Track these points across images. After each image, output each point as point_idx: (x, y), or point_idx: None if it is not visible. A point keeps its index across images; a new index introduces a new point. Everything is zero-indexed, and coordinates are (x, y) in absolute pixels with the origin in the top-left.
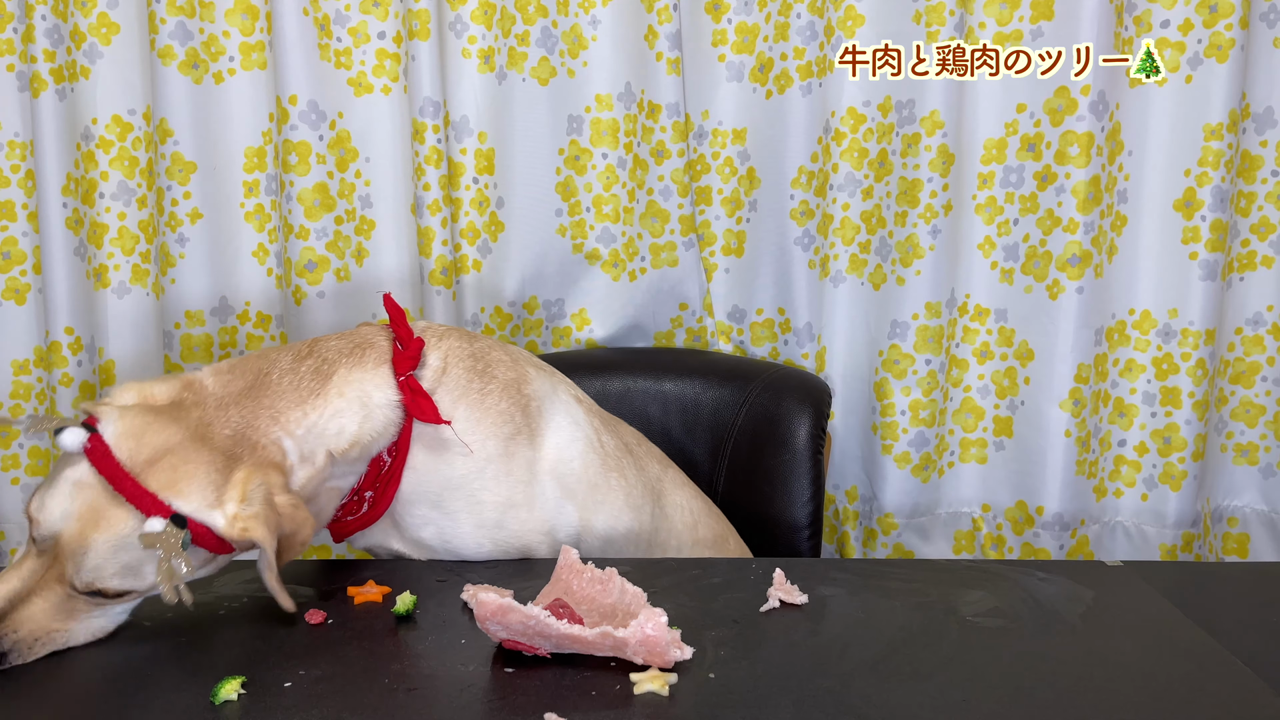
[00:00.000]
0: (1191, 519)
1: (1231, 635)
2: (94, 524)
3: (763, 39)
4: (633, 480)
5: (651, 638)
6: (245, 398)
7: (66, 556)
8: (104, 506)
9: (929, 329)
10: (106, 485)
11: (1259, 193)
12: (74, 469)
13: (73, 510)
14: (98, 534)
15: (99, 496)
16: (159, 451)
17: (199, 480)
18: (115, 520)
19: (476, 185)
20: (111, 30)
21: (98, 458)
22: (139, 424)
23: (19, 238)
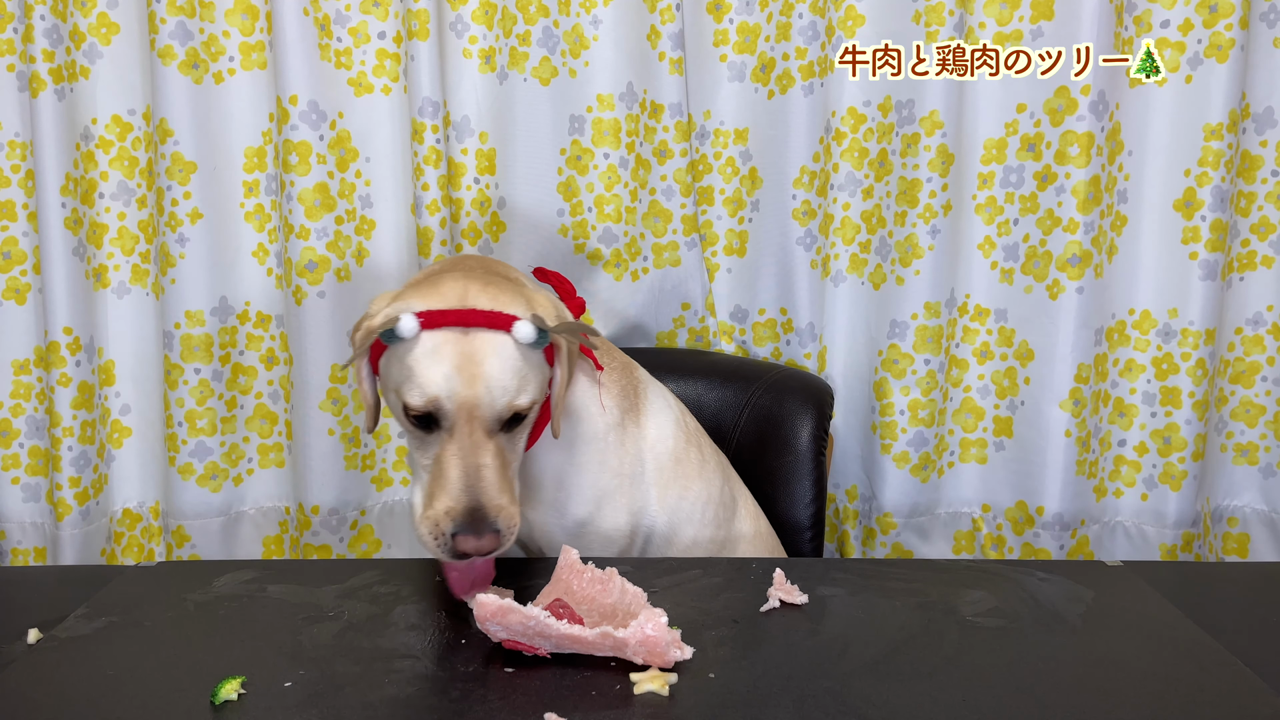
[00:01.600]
0: (1191, 519)
1: (1231, 635)
2: (475, 362)
3: (764, 39)
4: (709, 455)
5: (651, 638)
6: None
7: (471, 408)
8: (471, 345)
9: (928, 329)
10: (459, 333)
11: (1259, 193)
12: (418, 347)
13: (450, 368)
14: (485, 364)
15: (459, 342)
16: (464, 292)
17: (513, 298)
18: (488, 346)
19: (478, 185)
20: (111, 30)
21: (436, 318)
22: (430, 287)
23: (19, 238)
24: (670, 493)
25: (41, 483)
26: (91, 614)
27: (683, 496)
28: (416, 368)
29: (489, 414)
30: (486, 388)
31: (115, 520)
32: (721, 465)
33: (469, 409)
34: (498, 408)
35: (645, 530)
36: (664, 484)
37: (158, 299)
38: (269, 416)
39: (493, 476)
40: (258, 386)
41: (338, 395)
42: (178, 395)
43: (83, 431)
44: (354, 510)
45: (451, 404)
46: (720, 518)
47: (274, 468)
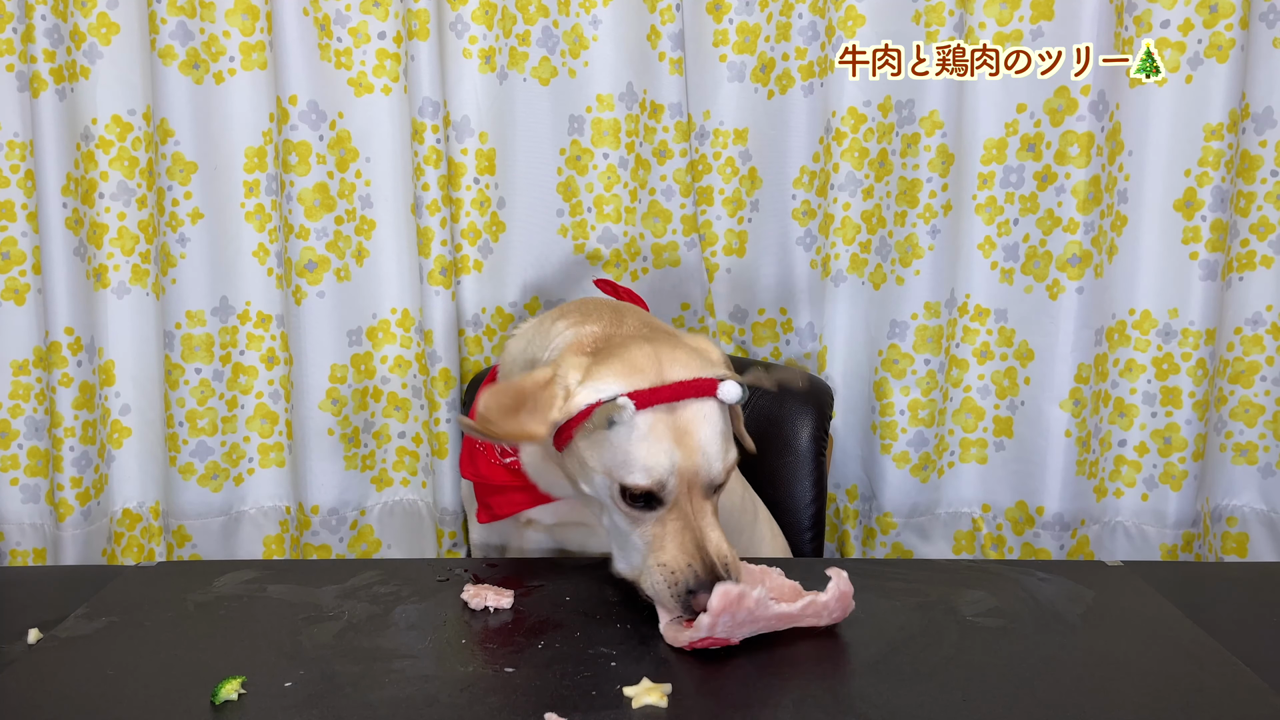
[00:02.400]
0: (1191, 519)
1: (1231, 635)
2: (689, 434)
3: (764, 39)
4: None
5: (845, 592)
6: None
7: (690, 478)
8: (680, 419)
9: (928, 329)
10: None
11: (1259, 193)
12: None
13: (669, 445)
14: (699, 435)
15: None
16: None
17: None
18: (698, 415)
19: (478, 185)
20: (111, 30)
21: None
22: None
23: (19, 238)
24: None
25: (41, 483)
26: (91, 614)
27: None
28: (635, 451)
29: (706, 481)
30: (704, 454)
31: (115, 520)
32: (748, 490)
33: (688, 480)
34: (715, 473)
35: None
36: None
37: (158, 299)
38: (269, 416)
39: (716, 535)
40: (258, 386)
41: (337, 395)
42: (178, 395)
43: (83, 432)
44: (354, 510)
45: (674, 479)
46: (743, 523)
47: (274, 467)
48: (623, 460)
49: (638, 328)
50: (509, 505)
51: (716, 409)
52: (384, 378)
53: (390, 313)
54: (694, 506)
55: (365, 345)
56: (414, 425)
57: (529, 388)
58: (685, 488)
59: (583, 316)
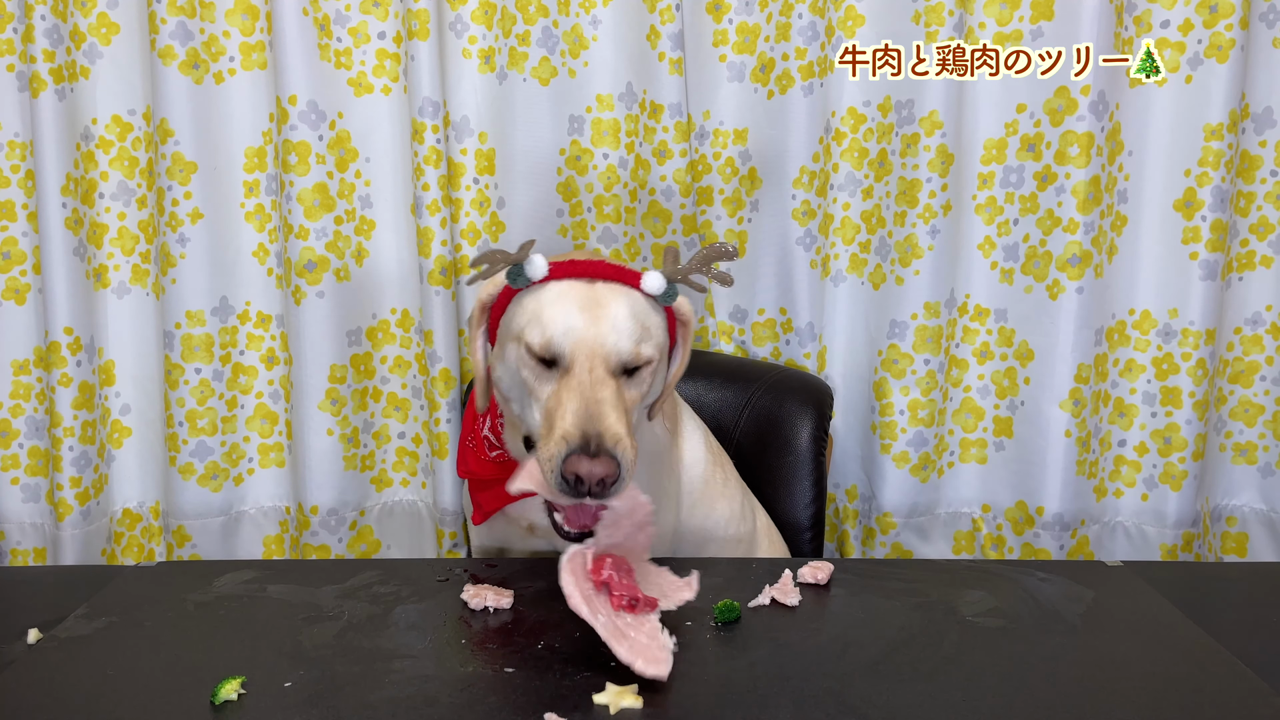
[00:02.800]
0: (1191, 519)
1: (1231, 635)
2: (601, 305)
3: (764, 39)
4: (729, 472)
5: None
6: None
7: (593, 347)
8: (597, 293)
9: (928, 329)
10: (586, 282)
11: (1258, 193)
12: (545, 292)
13: (574, 308)
14: (611, 307)
15: (586, 289)
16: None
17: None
18: (615, 293)
19: (477, 185)
20: (111, 30)
21: (564, 267)
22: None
23: (19, 238)
24: (696, 513)
25: (41, 483)
26: (91, 614)
27: (708, 516)
28: (543, 310)
29: (612, 356)
30: (612, 327)
31: (115, 520)
32: (739, 480)
33: (590, 347)
34: (621, 351)
35: (669, 547)
36: (691, 504)
37: (158, 299)
38: (269, 416)
39: (611, 410)
40: (258, 386)
41: (337, 395)
42: (178, 395)
43: (83, 431)
44: (353, 510)
45: (571, 339)
46: (740, 532)
47: (274, 467)
48: (530, 319)
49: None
50: (495, 500)
51: (639, 298)
52: (384, 378)
53: (390, 313)
54: (593, 378)
55: (365, 345)
56: (414, 425)
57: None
58: (587, 358)
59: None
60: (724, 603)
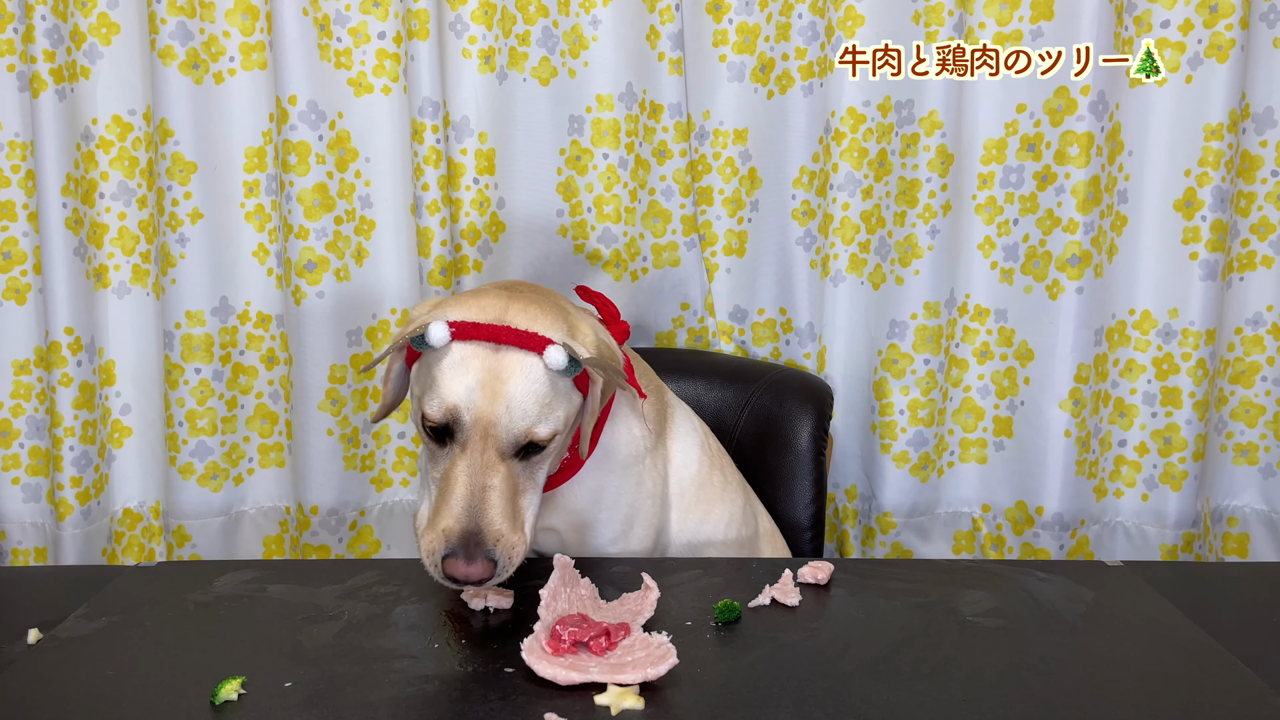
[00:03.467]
0: (1192, 519)
1: (1231, 635)
2: (499, 380)
3: (764, 39)
4: (730, 475)
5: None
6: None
7: (487, 425)
8: (499, 363)
9: (927, 329)
10: (490, 347)
11: (1259, 193)
12: (446, 357)
13: (473, 381)
14: (509, 383)
15: (488, 358)
16: (504, 310)
17: (553, 321)
18: (516, 366)
19: (477, 186)
20: (111, 30)
21: (468, 330)
22: (472, 301)
23: (19, 238)
24: (692, 516)
25: (42, 483)
26: (91, 614)
27: (704, 520)
28: (440, 378)
29: (505, 435)
30: (506, 407)
31: (116, 520)
32: (741, 483)
33: (484, 426)
34: (515, 431)
35: (662, 549)
36: (685, 508)
37: (158, 299)
38: (269, 416)
39: (498, 500)
40: (258, 386)
41: (337, 395)
42: (178, 395)
43: (84, 431)
44: (353, 510)
45: (468, 417)
46: (742, 536)
47: (274, 468)
48: (429, 385)
49: (517, 290)
50: None
51: (542, 371)
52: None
53: (390, 313)
54: (484, 460)
55: (365, 345)
56: (414, 425)
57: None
58: (480, 434)
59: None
60: (724, 603)
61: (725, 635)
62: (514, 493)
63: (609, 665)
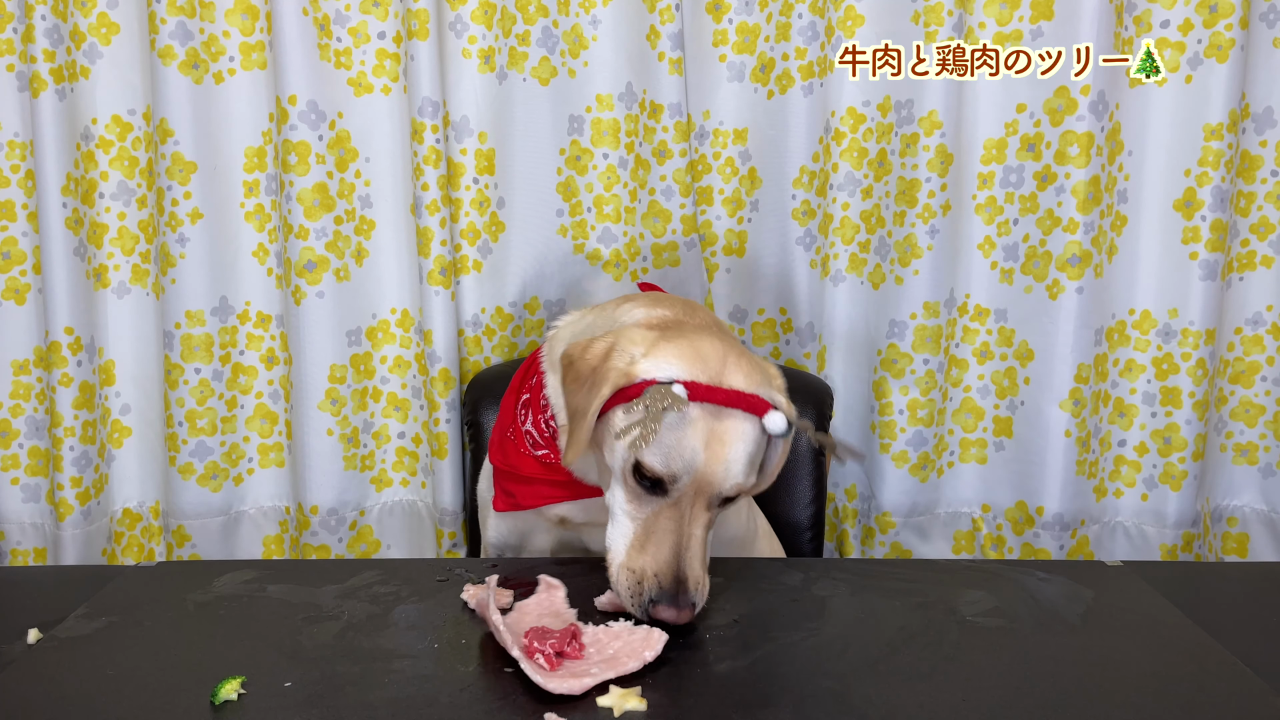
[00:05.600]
0: (1191, 519)
1: (1231, 635)
2: (722, 443)
3: (764, 39)
4: None
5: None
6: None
7: (703, 483)
8: (722, 426)
9: (927, 329)
10: (713, 409)
11: (1259, 193)
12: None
13: (699, 444)
14: (731, 447)
15: (712, 421)
16: (723, 364)
17: (761, 377)
18: (738, 430)
19: (477, 185)
20: (111, 30)
21: (701, 393)
22: (690, 349)
23: (19, 238)
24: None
25: (41, 483)
26: (91, 614)
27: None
28: (667, 436)
29: (717, 491)
30: (725, 468)
31: (115, 520)
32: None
33: (699, 484)
34: (727, 488)
35: None
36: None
37: (158, 299)
38: (269, 416)
39: (699, 550)
40: (258, 386)
41: (337, 395)
42: (178, 395)
43: (84, 431)
44: (353, 510)
45: (687, 477)
46: (743, 540)
47: (274, 467)
48: (656, 443)
49: (708, 323)
50: (535, 497)
51: (755, 432)
52: (383, 378)
53: (390, 313)
54: (693, 513)
55: (365, 345)
56: (413, 426)
57: (591, 359)
58: (694, 491)
59: (654, 302)
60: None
61: (725, 635)
62: (707, 534)
63: (604, 663)
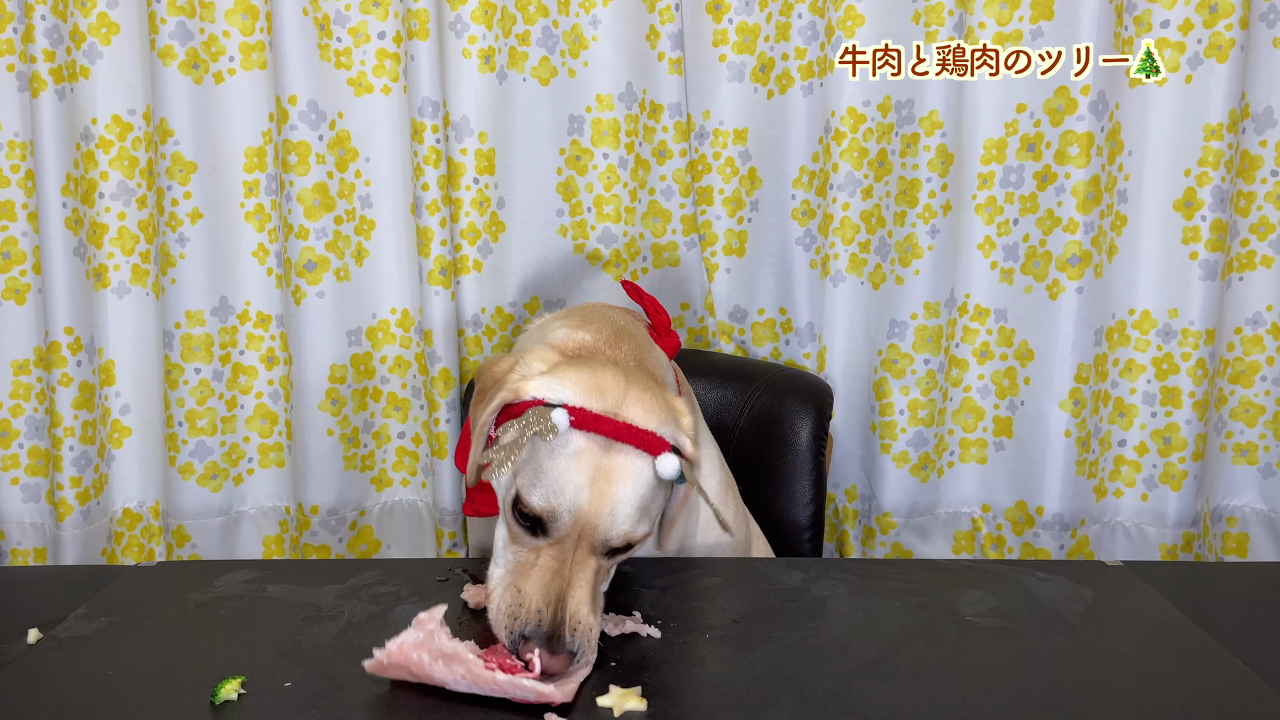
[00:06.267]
0: (1191, 519)
1: (1231, 635)
2: (609, 481)
3: (764, 39)
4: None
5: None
6: (620, 340)
7: (586, 526)
8: (610, 462)
9: (927, 329)
10: (603, 443)
11: (1259, 193)
12: (562, 446)
13: (583, 480)
14: (618, 485)
15: (600, 455)
16: (623, 395)
17: (664, 412)
18: (628, 469)
19: (477, 185)
20: (111, 30)
21: (588, 421)
22: (590, 379)
23: (19, 238)
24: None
25: (41, 483)
26: (91, 614)
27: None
28: (549, 468)
29: (601, 538)
30: (610, 510)
31: (115, 520)
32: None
33: (583, 525)
34: (613, 535)
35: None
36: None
37: (158, 299)
38: (269, 416)
39: (583, 595)
40: (258, 386)
41: (337, 395)
42: (178, 395)
43: (83, 431)
44: (353, 510)
45: (570, 517)
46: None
47: (274, 468)
48: (533, 471)
49: (630, 355)
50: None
51: (649, 474)
52: (383, 378)
53: (390, 313)
54: (575, 557)
55: (365, 345)
56: (413, 425)
57: (495, 374)
58: (576, 534)
59: (583, 323)
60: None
61: (725, 635)
62: (598, 585)
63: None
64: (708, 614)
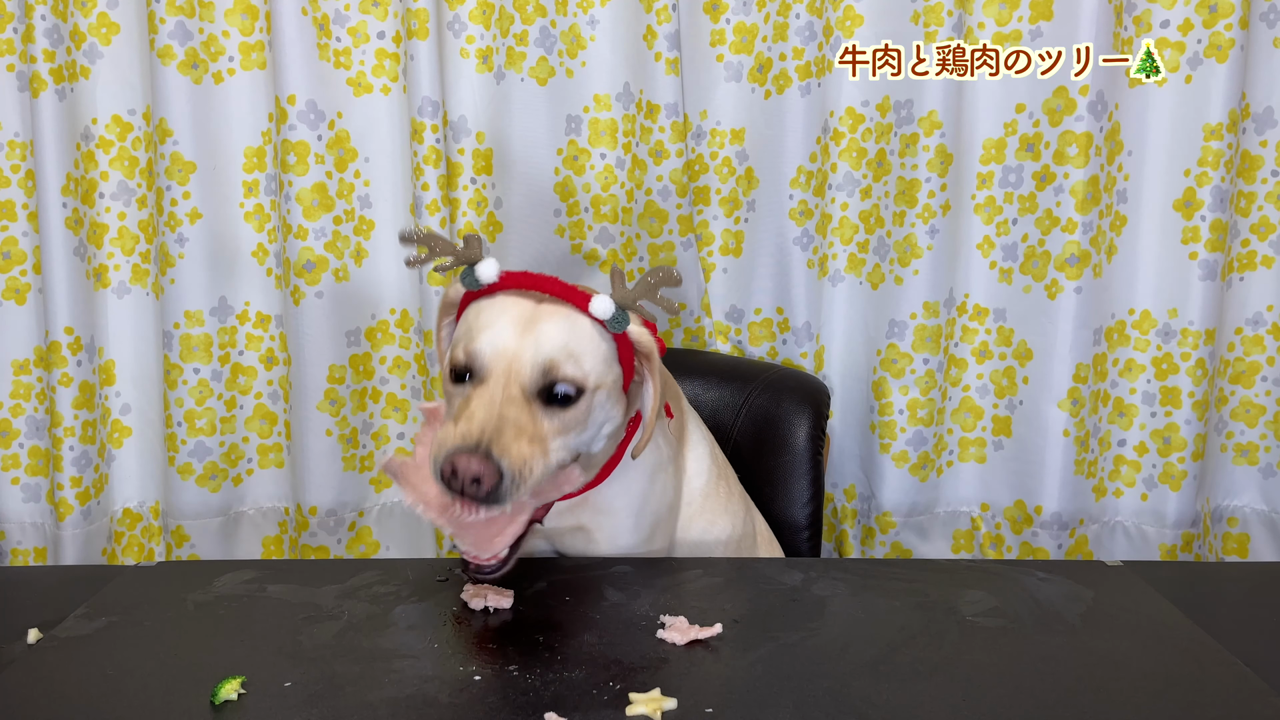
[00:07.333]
0: (1191, 519)
1: (1231, 635)
2: (534, 323)
3: (761, 39)
4: (733, 486)
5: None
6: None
7: (511, 359)
8: (538, 311)
9: (927, 328)
10: (533, 299)
11: (1259, 193)
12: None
13: (508, 321)
14: (544, 324)
15: (529, 306)
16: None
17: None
18: (556, 313)
19: (475, 185)
20: (111, 30)
21: (516, 279)
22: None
23: (19, 238)
24: (695, 526)
25: (42, 483)
26: (91, 614)
27: (707, 530)
28: (476, 323)
29: (526, 373)
30: (535, 343)
31: (115, 520)
32: (742, 494)
33: (507, 362)
34: (539, 361)
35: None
36: (690, 516)
37: (158, 299)
38: (268, 416)
39: (513, 428)
40: (257, 386)
41: (336, 396)
42: (177, 395)
43: (84, 431)
44: (352, 511)
45: (492, 351)
46: (742, 547)
47: (273, 468)
48: (464, 332)
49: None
50: None
51: (585, 325)
52: (383, 378)
53: (389, 313)
54: (505, 395)
55: (364, 346)
56: (413, 426)
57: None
58: (503, 372)
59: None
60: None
61: (725, 635)
62: (536, 433)
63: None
64: (708, 614)
